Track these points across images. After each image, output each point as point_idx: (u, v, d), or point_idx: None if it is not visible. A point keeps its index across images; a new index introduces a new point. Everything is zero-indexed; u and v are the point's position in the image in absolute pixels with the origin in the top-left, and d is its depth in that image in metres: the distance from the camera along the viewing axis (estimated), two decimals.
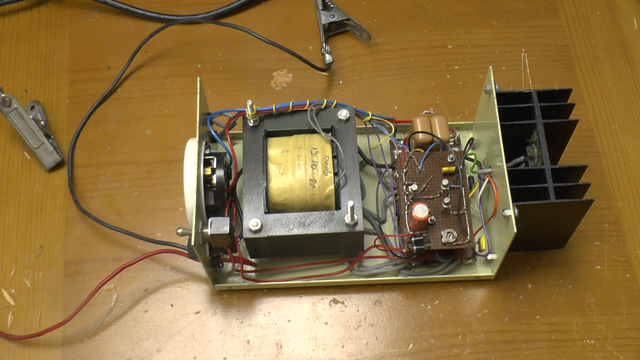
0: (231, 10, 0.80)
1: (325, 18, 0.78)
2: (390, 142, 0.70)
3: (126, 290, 0.67)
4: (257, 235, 0.61)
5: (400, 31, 0.80)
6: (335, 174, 0.63)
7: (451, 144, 0.70)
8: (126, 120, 0.75)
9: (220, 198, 0.64)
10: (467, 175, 0.67)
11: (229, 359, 0.64)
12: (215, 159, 0.63)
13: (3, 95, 0.71)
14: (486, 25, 0.80)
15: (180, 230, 0.61)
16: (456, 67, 0.78)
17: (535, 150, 0.63)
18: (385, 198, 0.68)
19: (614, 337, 0.65)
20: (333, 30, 0.79)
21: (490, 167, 0.65)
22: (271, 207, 0.63)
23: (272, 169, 0.63)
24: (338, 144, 0.64)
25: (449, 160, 0.65)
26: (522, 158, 0.65)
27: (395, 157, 0.68)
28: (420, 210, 0.61)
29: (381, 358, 0.64)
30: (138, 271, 0.68)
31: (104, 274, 0.65)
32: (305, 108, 0.65)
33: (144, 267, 0.68)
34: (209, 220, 0.59)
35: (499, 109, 0.62)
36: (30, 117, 0.72)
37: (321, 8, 0.78)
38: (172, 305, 0.67)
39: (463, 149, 0.69)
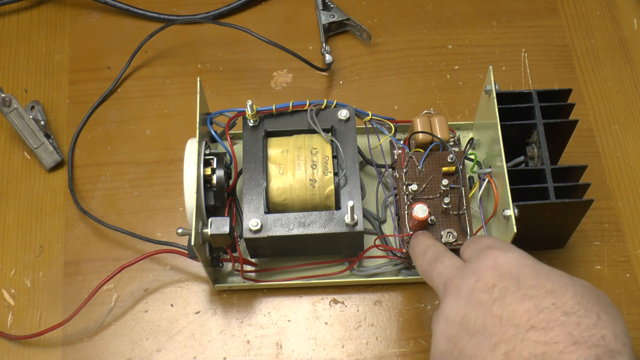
0: (231, 10, 0.80)
1: (325, 18, 0.78)
2: (390, 142, 0.70)
3: (126, 290, 0.67)
4: (257, 235, 0.61)
5: (400, 31, 0.80)
6: (335, 174, 0.63)
7: (451, 144, 0.70)
8: (126, 120, 0.75)
9: (220, 198, 0.64)
10: (467, 175, 0.67)
11: (229, 359, 0.64)
12: (215, 159, 0.64)
13: (3, 95, 0.71)
14: (486, 25, 0.80)
15: (180, 230, 0.61)
16: (456, 67, 0.78)
17: (535, 150, 0.63)
18: (385, 198, 0.68)
19: None
20: (333, 30, 0.79)
21: (490, 167, 0.65)
22: (271, 207, 0.63)
23: (272, 169, 0.63)
24: (338, 144, 0.64)
25: (449, 160, 0.65)
26: (522, 158, 0.65)
27: (395, 157, 0.68)
28: (420, 210, 0.61)
29: (381, 358, 0.64)
30: (138, 271, 0.68)
31: (104, 274, 0.65)
32: (305, 108, 0.65)
33: (144, 267, 0.68)
34: (209, 220, 0.59)
35: (499, 109, 0.62)
36: (30, 117, 0.72)
37: (321, 8, 0.78)
38: (172, 305, 0.67)
39: (463, 149, 0.69)
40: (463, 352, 0.46)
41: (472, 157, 0.67)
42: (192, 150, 0.62)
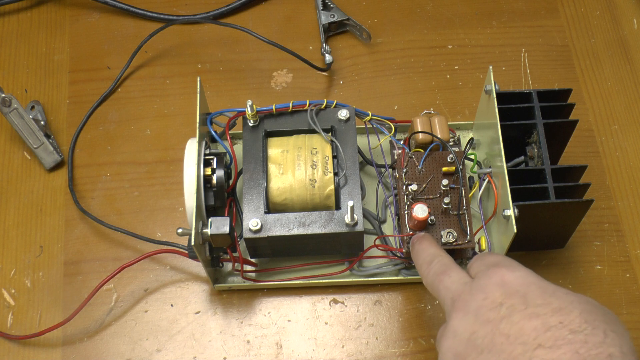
0: (231, 10, 0.80)
1: (325, 18, 0.78)
2: (390, 142, 0.70)
3: (126, 290, 0.67)
4: (257, 235, 0.61)
5: (400, 31, 0.80)
6: (335, 174, 0.63)
7: (451, 144, 0.70)
8: (126, 120, 0.75)
9: (220, 198, 0.64)
10: (467, 175, 0.67)
11: (229, 359, 0.64)
12: (215, 159, 0.64)
13: (3, 95, 0.71)
14: (486, 25, 0.80)
15: (180, 230, 0.61)
16: (456, 67, 0.78)
17: (535, 150, 0.63)
18: (385, 198, 0.68)
19: None
20: (333, 30, 0.79)
21: (490, 167, 0.65)
22: (271, 207, 0.63)
23: (272, 169, 0.63)
24: (338, 144, 0.64)
25: (449, 160, 0.65)
26: (522, 158, 0.65)
27: (395, 157, 0.68)
28: (420, 210, 0.61)
29: (381, 358, 0.64)
30: (138, 271, 0.68)
31: (104, 274, 0.65)
32: (305, 108, 0.65)
33: (144, 267, 0.68)
34: (209, 220, 0.59)
35: (499, 109, 0.62)
36: (30, 117, 0.72)
37: (321, 8, 0.78)
38: (172, 305, 0.67)
39: (463, 149, 0.69)
40: None
41: (472, 157, 0.67)
42: (192, 150, 0.62)
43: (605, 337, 0.43)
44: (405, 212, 0.64)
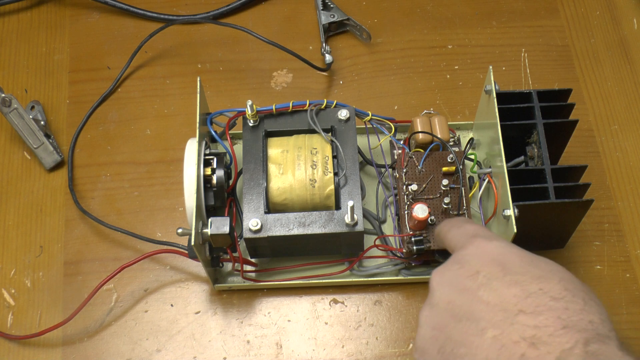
0: (231, 10, 0.80)
1: (325, 18, 0.78)
2: (390, 142, 0.70)
3: (126, 290, 0.67)
4: (257, 235, 0.61)
5: (400, 31, 0.80)
6: (335, 174, 0.63)
7: (451, 144, 0.70)
8: (126, 120, 0.75)
9: (220, 198, 0.64)
10: (467, 175, 0.67)
11: (229, 359, 0.64)
12: (215, 159, 0.64)
13: (3, 95, 0.71)
14: (486, 25, 0.80)
15: (180, 230, 0.61)
16: (456, 67, 0.78)
17: (535, 150, 0.63)
18: (385, 198, 0.68)
19: None
20: (333, 30, 0.79)
21: (490, 167, 0.65)
22: (271, 207, 0.63)
23: (272, 169, 0.63)
24: (338, 144, 0.64)
25: (449, 160, 0.65)
26: (522, 158, 0.65)
27: (395, 157, 0.68)
28: (420, 210, 0.61)
29: (381, 358, 0.64)
30: (138, 271, 0.68)
31: (104, 274, 0.65)
32: (305, 108, 0.65)
33: (144, 267, 0.68)
34: (209, 220, 0.59)
35: (499, 109, 0.62)
36: (30, 117, 0.72)
37: (321, 8, 0.78)
38: (172, 305, 0.67)
39: (463, 149, 0.69)
40: (450, 338, 0.46)
41: (472, 157, 0.67)
42: (192, 150, 0.62)
43: (585, 305, 0.44)
44: (405, 212, 0.64)
